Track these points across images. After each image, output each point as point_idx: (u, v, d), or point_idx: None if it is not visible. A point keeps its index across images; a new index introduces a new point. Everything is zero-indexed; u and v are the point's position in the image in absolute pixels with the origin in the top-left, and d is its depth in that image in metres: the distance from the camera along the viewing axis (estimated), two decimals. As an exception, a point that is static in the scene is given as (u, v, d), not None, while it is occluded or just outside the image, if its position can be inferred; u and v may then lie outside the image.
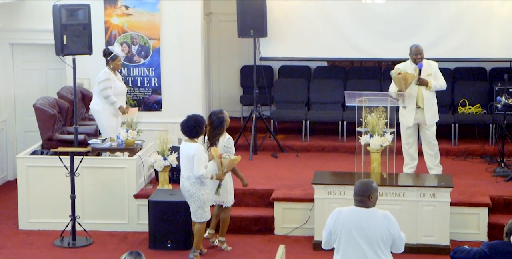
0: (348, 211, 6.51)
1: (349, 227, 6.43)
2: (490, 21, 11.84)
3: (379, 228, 6.40)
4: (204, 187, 8.76)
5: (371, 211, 6.47)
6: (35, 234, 10.00)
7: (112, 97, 10.37)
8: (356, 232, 6.41)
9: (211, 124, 8.97)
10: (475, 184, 10.30)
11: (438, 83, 10.29)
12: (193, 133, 8.76)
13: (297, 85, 12.88)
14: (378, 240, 6.39)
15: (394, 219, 6.51)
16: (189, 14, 11.70)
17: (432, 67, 10.31)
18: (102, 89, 10.38)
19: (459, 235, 9.49)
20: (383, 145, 9.60)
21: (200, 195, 8.75)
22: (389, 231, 6.42)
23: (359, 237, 6.40)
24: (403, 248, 6.56)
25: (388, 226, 6.42)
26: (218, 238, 9.33)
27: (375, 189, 6.50)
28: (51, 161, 9.95)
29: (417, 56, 10.22)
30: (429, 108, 10.29)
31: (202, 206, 8.78)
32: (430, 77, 10.26)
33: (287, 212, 9.88)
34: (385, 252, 6.44)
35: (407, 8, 11.97)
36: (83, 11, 9.77)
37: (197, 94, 11.87)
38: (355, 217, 6.45)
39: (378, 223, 6.41)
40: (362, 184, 6.52)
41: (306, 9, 12.14)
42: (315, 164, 11.23)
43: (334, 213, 6.56)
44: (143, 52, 11.78)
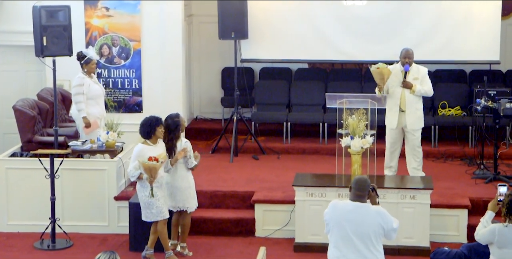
0: (343, 205, 6.73)
1: (341, 221, 6.64)
2: (470, 24, 11.91)
3: (372, 224, 6.62)
4: (144, 189, 8.78)
5: (365, 206, 6.70)
6: (15, 236, 9.94)
7: (81, 104, 10.30)
8: (349, 227, 6.62)
9: (167, 128, 8.93)
10: (455, 186, 10.35)
11: (423, 88, 10.27)
12: (142, 134, 8.81)
13: (278, 87, 12.89)
14: (370, 235, 6.62)
15: (386, 213, 6.72)
16: (170, 15, 11.69)
17: (420, 72, 10.31)
18: (74, 94, 10.37)
19: (439, 237, 9.54)
20: (364, 147, 9.62)
21: (140, 196, 8.84)
22: (382, 226, 6.65)
23: (351, 231, 6.62)
24: (394, 236, 6.80)
25: (381, 222, 6.66)
26: (179, 244, 9.23)
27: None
28: (31, 163, 9.90)
29: (405, 59, 10.26)
30: (411, 112, 10.31)
31: (143, 207, 8.82)
32: (416, 81, 10.27)
33: (268, 214, 9.88)
34: (376, 246, 6.66)
35: (388, 11, 12.02)
36: (63, 13, 9.74)
37: (178, 96, 11.86)
38: (349, 212, 6.66)
39: (371, 218, 6.63)
40: (364, 180, 6.76)
41: (287, 11, 12.16)
42: (296, 166, 11.24)
43: (331, 205, 6.80)
44: (124, 54, 11.75)
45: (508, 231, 6.69)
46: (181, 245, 9.21)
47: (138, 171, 8.73)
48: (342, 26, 12.10)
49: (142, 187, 8.81)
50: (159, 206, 8.81)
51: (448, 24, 11.95)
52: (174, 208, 9.10)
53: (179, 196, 9.02)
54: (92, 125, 10.37)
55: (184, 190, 9.03)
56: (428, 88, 10.32)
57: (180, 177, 9.00)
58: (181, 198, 9.03)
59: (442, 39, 11.98)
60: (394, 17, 12.01)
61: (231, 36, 11.88)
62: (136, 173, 8.73)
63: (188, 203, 9.07)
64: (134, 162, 8.76)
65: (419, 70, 10.34)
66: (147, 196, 8.77)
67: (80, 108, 10.34)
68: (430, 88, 10.34)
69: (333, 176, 9.74)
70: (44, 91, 11.34)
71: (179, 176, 8.99)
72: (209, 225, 9.91)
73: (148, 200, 8.78)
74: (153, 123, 8.75)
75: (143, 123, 8.81)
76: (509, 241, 6.68)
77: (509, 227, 6.69)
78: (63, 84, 11.59)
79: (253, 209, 9.94)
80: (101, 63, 11.63)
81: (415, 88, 10.25)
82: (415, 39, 11.97)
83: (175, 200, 9.05)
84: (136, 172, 8.73)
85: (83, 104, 10.33)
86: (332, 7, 12.06)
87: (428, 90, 10.33)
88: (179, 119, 8.96)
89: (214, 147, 12.14)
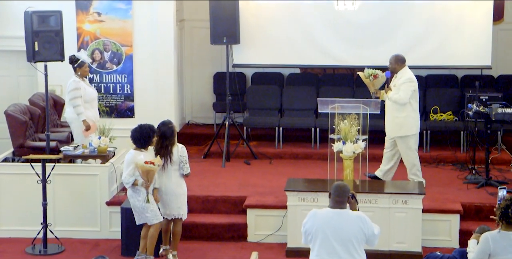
0: (323, 213, 6.71)
1: (324, 229, 6.63)
2: (462, 29, 11.94)
3: (353, 229, 6.61)
4: (136, 195, 8.76)
5: (345, 212, 6.69)
6: (6, 241, 9.91)
7: (80, 107, 10.29)
8: (331, 233, 6.61)
9: (162, 135, 8.88)
10: (447, 191, 10.37)
11: (394, 95, 10.17)
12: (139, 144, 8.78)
13: (270, 92, 12.90)
14: (352, 240, 6.61)
15: (367, 218, 6.71)
16: (161, 20, 11.69)
17: (400, 80, 10.25)
18: (71, 99, 10.35)
19: (431, 242, 9.55)
20: (356, 152, 9.63)
21: (133, 201, 8.82)
22: (363, 231, 6.64)
23: (333, 238, 6.60)
24: (376, 242, 6.79)
25: (362, 226, 6.65)
26: (171, 252, 9.16)
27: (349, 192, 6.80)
28: (22, 168, 9.88)
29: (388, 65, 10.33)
30: (390, 120, 10.30)
31: (139, 213, 8.81)
32: (394, 88, 10.28)
33: (260, 219, 9.88)
34: (359, 251, 6.65)
35: (379, 16, 12.05)
36: (55, 18, 9.72)
37: (170, 101, 11.86)
38: (330, 219, 6.65)
39: (352, 224, 6.62)
40: (343, 186, 6.76)
41: (279, 16, 12.18)
42: (288, 171, 11.24)
43: (310, 214, 6.76)
44: (116, 59, 11.74)
45: (501, 238, 6.60)
46: (172, 253, 9.15)
47: (132, 178, 8.70)
48: (334, 31, 12.13)
49: (134, 193, 8.78)
50: (154, 209, 8.79)
51: (440, 29, 11.98)
52: (169, 216, 9.04)
53: (174, 204, 8.98)
54: (91, 128, 10.38)
55: (179, 197, 9.01)
56: (398, 96, 10.13)
57: (175, 184, 8.96)
58: (176, 205, 8.99)
59: (434, 44, 12.01)
60: (385, 22, 12.04)
61: (223, 41, 11.89)
62: (131, 180, 8.70)
63: (182, 211, 9.04)
64: (128, 169, 8.72)
65: (399, 78, 10.25)
66: (141, 201, 8.74)
67: (79, 112, 10.31)
68: (401, 97, 10.11)
69: (325, 181, 9.75)
70: (35, 96, 11.32)
71: (173, 183, 8.95)
72: (201, 230, 9.89)
73: (142, 205, 8.76)
74: (150, 134, 8.74)
75: (139, 135, 8.73)
76: (502, 248, 6.60)
77: (502, 233, 6.62)
78: (55, 89, 11.57)
79: (245, 214, 9.93)
80: (93, 68, 11.62)
81: (388, 94, 10.23)
82: (406, 44, 12.00)
83: (169, 208, 8.99)
84: (131, 178, 8.70)
85: (82, 108, 10.31)
86: (324, 13, 12.08)
87: (398, 98, 10.14)
88: (172, 125, 8.96)
89: (206, 152, 12.14)
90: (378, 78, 10.28)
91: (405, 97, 10.15)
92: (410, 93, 10.19)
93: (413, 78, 10.26)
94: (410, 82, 10.21)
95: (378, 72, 10.29)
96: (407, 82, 10.20)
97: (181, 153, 8.95)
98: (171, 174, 8.92)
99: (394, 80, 10.35)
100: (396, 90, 10.22)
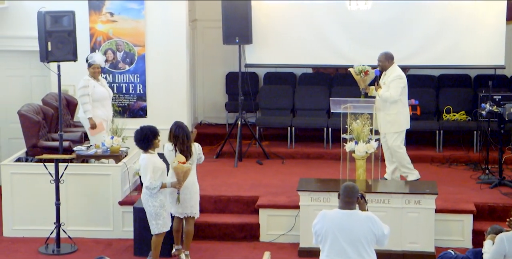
0: (333, 214, 6.68)
1: (334, 230, 6.61)
2: (475, 28, 11.90)
3: (363, 230, 6.58)
4: (152, 199, 8.67)
5: (355, 213, 6.67)
6: (20, 241, 9.95)
7: (87, 105, 10.35)
8: (340, 234, 6.59)
9: (184, 136, 8.88)
10: (460, 191, 10.33)
11: (384, 92, 10.15)
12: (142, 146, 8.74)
13: (282, 92, 12.89)
14: (362, 241, 6.59)
15: (377, 219, 6.68)
16: (174, 21, 11.71)
17: (389, 77, 10.24)
18: (79, 96, 10.43)
19: (444, 242, 9.52)
20: (368, 152, 9.62)
21: (148, 206, 8.72)
22: (373, 232, 6.61)
23: (343, 239, 6.58)
24: (386, 243, 6.75)
25: (372, 227, 6.62)
26: (183, 252, 9.16)
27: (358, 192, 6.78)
28: (35, 168, 9.91)
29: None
30: (381, 117, 10.27)
31: (151, 219, 8.72)
32: (384, 86, 10.27)
33: (272, 219, 9.87)
34: (369, 252, 6.63)
35: (392, 16, 12.02)
36: (68, 18, 9.75)
37: (182, 100, 11.87)
38: (340, 220, 6.63)
39: (362, 225, 6.59)
40: (352, 186, 6.72)
41: (291, 16, 12.17)
42: (300, 171, 11.23)
43: (320, 215, 6.74)
44: (128, 59, 11.77)
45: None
46: (185, 253, 9.15)
47: (159, 181, 8.66)
48: (346, 31, 12.11)
49: (151, 197, 8.68)
50: (165, 217, 8.78)
51: (453, 29, 11.94)
52: (181, 215, 9.05)
53: (188, 202, 8.99)
54: (98, 126, 10.40)
55: (194, 196, 9.02)
56: (389, 93, 10.15)
57: (191, 182, 8.98)
58: (189, 204, 9.00)
59: (447, 43, 11.97)
60: (398, 22, 12.01)
61: (235, 41, 11.89)
62: (158, 183, 8.62)
63: (195, 209, 9.05)
64: (148, 173, 8.61)
65: (389, 76, 10.26)
66: (156, 206, 8.70)
67: (86, 109, 10.37)
68: (390, 95, 10.12)
69: (337, 181, 9.73)
70: (49, 96, 11.36)
71: (189, 182, 8.95)
72: (213, 230, 9.90)
73: (158, 211, 8.69)
74: (150, 137, 8.70)
75: (140, 138, 8.69)
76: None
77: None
78: (67, 89, 11.60)
79: (258, 214, 9.93)
80: (105, 68, 11.65)
81: (379, 92, 10.22)
82: (419, 44, 11.97)
83: (183, 206, 8.99)
84: (158, 182, 8.63)
85: (89, 105, 10.36)
86: (337, 12, 12.06)
87: (389, 96, 10.16)
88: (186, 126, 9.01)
89: (218, 152, 12.14)
90: (368, 74, 10.29)
91: (396, 95, 10.17)
92: (400, 90, 10.20)
93: (402, 75, 10.28)
94: (400, 79, 10.22)
95: (368, 69, 10.29)
96: (397, 79, 10.20)
97: (199, 151, 9.04)
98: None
99: (383, 77, 10.35)
100: (386, 88, 10.22)
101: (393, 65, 10.36)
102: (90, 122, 10.37)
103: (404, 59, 12.02)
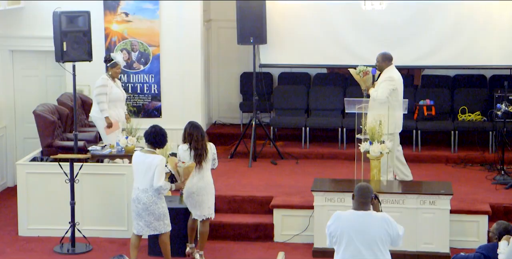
0: (347, 215, 6.65)
1: (349, 231, 6.57)
2: (490, 28, 11.85)
3: (378, 231, 6.55)
4: (161, 200, 8.65)
5: (369, 214, 6.63)
6: (35, 240, 9.98)
7: (104, 104, 10.38)
8: (355, 235, 6.55)
9: (199, 135, 8.89)
10: (475, 192, 10.29)
11: (373, 92, 10.05)
12: (159, 143, 8.69)
13: (297, 92, 12.88)
14: (377, 241, 6.55)
15: (391, 219, 6.65)
16: (188, 20, 11.72)
17: (381, 78, 10.13)
18: (96, 94, 10.45)
19: (459, 243, 9.48)
20: (383, 152, 9.59)
21: (157, 208, 8.64)
22: (388, 232, 6.57)
23: (358, 240, 6.54)
24: (401, 243, 6.71)
25: (387, 228, 6.58)
26: (198, 252, 9.15)
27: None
28: (50, 168, 9.95)
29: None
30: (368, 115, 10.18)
31: (158, 219, 8.67)
32: (376, 86, 10.20)
33: (286, 219, 9.87)
34: (384, 253, 6.58)
35: (406, 16, 11.99)
36: (83, 18, 9.77)
37: (196, 100, 11.88)
38: (354, 221, 6.59)
39: (376, 225, 6.56)
40: (366, 187, 6.70)
41: (306, 16, 12.16)
42: (314, 171, 11.22)
43: (334, 217, 6.70)
44: (143, 59, 11.79)
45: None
46: (199, 253, 9.14)
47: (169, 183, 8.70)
48: (361, 31, 12.09)
49: (159, 199, 8.65)
50: (168, 216, 8.78)
51: (468, 29, 11.90)
52: (200, 217, 9.02)
53: (206, 204, 8.98)
54: (114, 125, 10.43)
55: (210, 197, 9.02)
56: (376, 93, 10.00)
57: (208, 183, 8.98)
58: (207, 205, 8.98)
59: (462, 43, 11.93)
60: (413, 22, 11.98)
61: (250, 41, 11.89)
62: (169, 186, 8.65)
63: (211, 210, 9.05)
64: (163, 175, 8.59)
65: (382, 76, 10.13)
66: (164, 207, 8.69)
67: (103, 108, 10.40)
68: (380, 94, 9.94)
69: (352, 181, 9.71)
70: (64, 96, 11.40)
71: (206, 183, 8.95)
72: (228, 230, 9.91)
73: (165, 211, 8.71)
74: (166, 134, 8.73)
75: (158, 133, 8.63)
76: None
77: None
78: (82, 89, 11.64)
79: (272, 214, 9.93)
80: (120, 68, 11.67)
81: (370, 91, 10.16)
82: (434, 44, 11.94)
83: (201, 208, 8.96)
84: (169, 184, 8.67)
85: (105, 104, 10.39)
86: (351, 12, 12.05)
87: (375, 96, 9.99)
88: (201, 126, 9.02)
89: (233, 152, 12.15)
90: (368, 74, 10.22)
91: (382, 96, 9.96)
92: (388, 92, 9.99)
93: (394, 77, 10.07)
94: (390, 81, 10.04)
95: (368, 69, 10.23)
96: (387, 80, 10.05)
97: (213, 151, 9.03)
98: (203, 174, 8.92)
99: (379, 77, 10.27)
100: (376, 88, 10.14)
101: (390, 66, 10.17)
102: (106, 121, 10.41)
103: (419, 59, 12.01)
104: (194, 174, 8.85)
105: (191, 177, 8.84)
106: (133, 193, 8.69)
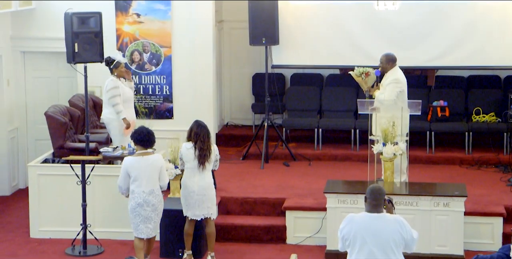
0: (360, 218, 6.58)
1: (362, 234, 6.50)
2: (504, 29, 11.77)
3: (391, 233, 6.47)
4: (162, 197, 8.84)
5: (383, 216, 6.56)
6: (46, 242, 9.97)
7: (119, 106, 10.34)
8: (369, 238, 6.48)
9: (205, 134, 8.88)
10: (490, 194, 10.21)
11: (379, 95, 9.94)
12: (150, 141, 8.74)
13: (309, 93, 12.83)
14: (391, 244, 6.47)
15: (405, 222, 6.57)
16: (200, 21, 11.69)
17: (387, 80, 10.02)
18: (110, 97, 10.38)
19: (473, 245, 9.41)
20: (396, 154, 9.53)
21: (162, 206, 8.80)
22: (401, 235, 6.50)
23: (371, 243, 6.47)
24: (415, 248, 6.63)
25: (400, 230, 6.50)
26: (209, 254, 9.10)
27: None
28: (62, 169, 9.93)
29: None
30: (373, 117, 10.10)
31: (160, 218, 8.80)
32: (381, 88, 10.09)
33: (299, 221, 9.82)
34: (398, 255, 6.51)
35: (419, 16, 11.92)
36: (95, 19, 9.76)
37: (208, 102, 11.84)
38: (368, 223, 6.52)
39: (390, 228, 6.49)
40: (378, 189, 6.62)
41: (318, 17, 12.11)
42: (327, 173, 11.17)
43: (347, 219, 6.63)
44: (155, 60, 11.76)
45: None
46: (211, 255, 9.09)
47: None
48: (374, 31, 12.02)
49: (162, 197, 8.85)
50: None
51: (482, 29, 11.82)
52: (198, 217, 8.99)
53: (206, 203, 8.95)
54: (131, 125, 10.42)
55: (212, 197, 8.99)
56: (383, 96, 9.88)
57: (209, 183, 8.96)
58: (207, 205, 8.96)
59: (476, 44, 11.85)
60: (426, 22, 11.91)
61: (262, 42, 11.85)
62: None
63: (211, 210, 9.01)
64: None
65: (388, 78, 10.02)
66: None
67: (119, 110, 10.35)
68: (387, 98, 9.82)
69: (365, 183, 9.65)
70: (75, 97, 11.39)
71: (207, 183, 8.94)
72: (240, 232, 9.86)
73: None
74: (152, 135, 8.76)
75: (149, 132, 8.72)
76: None
77: None
78: (94, 91, 11.62)
79: (284, 216, 9.88)
80: (132, 69, 11.66)
81: (375, 93, 10.06)
82: (447, 44, 11.87)
83: (200, 208, 8.94)
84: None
85: (121, 106, 10.35)
86: (364, 13, 11.98)
87: (383, 99, 9.86)
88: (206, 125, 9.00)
89: (245, 153, 12.10)
90: (369, 75, 10.13)
91: (390, 98, 9.88)
92: (396, 94, 9.90)
93: (400, 78, 9.99)
94: (396, 83, 9.94)
95: (369, 70, 10.14)
96: (393, 82, 9.94)
97: (216, 152, 9.03)
98: (205, 174, 8.90)
99: (383, 79, 10.17)
100: (382, 90, 10.03)
101: (395, 67, 10.07)
102: (125, 122, 10.36)
103: (433, 59, 11.94)
104: (196, 174, 8.85)
105: (192, 176, 8.84)
106: (138, 198, 8.66)
